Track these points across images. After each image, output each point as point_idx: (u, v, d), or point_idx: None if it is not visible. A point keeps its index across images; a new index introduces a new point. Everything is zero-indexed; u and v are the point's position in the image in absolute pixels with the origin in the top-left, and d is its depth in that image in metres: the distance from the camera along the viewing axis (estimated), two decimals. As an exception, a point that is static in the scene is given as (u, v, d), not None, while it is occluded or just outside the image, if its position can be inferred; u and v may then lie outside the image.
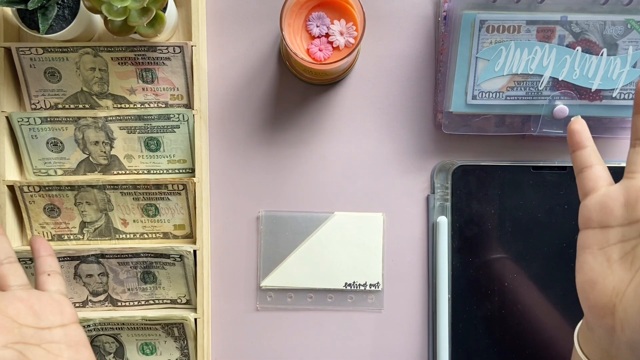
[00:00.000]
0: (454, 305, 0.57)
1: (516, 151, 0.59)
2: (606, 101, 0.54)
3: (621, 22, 0.52)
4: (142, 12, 0.50)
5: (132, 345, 0.58)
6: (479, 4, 0.52)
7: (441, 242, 0.57)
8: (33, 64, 0.56)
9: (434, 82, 0.59)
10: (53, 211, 0.58)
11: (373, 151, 0.59)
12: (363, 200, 0.59)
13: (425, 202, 0.59)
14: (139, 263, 0.57)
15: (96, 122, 0.56)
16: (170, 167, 0.58)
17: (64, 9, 0.53)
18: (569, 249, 0.57)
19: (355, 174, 0.59)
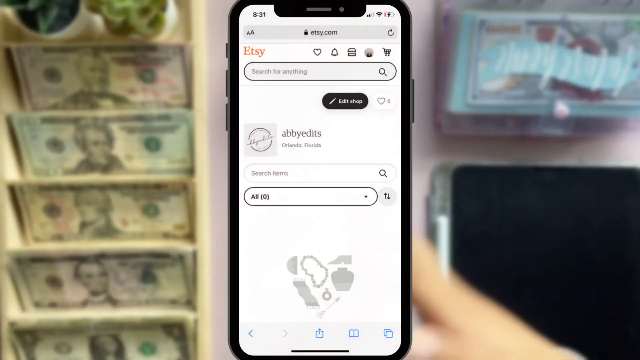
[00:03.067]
0: (454, 306, 0.57)
1: (516, 151, 0.59)
2: (606, 101, 0.54)
3: (621, 22, 0.52)
4: (142, 12, 0.50)
5: (132, 345, 0.58)
6: (479, 4, 0.52)
7: (441, 242, 0.57)
8: (33, 64, 0.56)
9: (434, 82, 0.59)
10: (53, 211, 0.58)
11: (373, 151, 0.59)
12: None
13: (425, 203, 0.59)
14: (139, 263, 0.57)
15: (96, 122, 0.56)
16: (170, 167, 0.58)
17: (64, 9, 0.53)
18: (569, 249, 0.57)
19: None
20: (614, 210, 0.57)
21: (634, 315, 0.57)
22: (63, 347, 0.58)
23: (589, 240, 0.57)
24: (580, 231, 0.57)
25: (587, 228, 0.57)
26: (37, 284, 0.57)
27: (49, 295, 0.58)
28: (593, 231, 0.57)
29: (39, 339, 0.57)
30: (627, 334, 0.57)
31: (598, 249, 0.57)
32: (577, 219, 0.57)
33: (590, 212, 0.57)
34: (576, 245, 0.57)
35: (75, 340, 0.58)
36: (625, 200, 0.57)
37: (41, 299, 0.58)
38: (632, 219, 0.57)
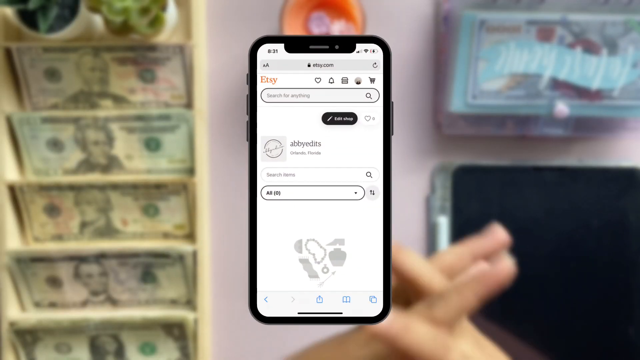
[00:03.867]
0: (454, 306, 0.57)
1: (516, 151, 0.59)
2: (606, 101, 0.54)
3: (621, 22, 0.52)
4: (142, 12, 0.50)
5: (132, 345, 0.58)
6: (479, 4, 0.52)
7: (441, 242, 0.57)
8: (33, 64, 0.56)
9: (434, 82, 0.59)
10: (53, 211, 0.58)
11: (373, 151, 0.59)
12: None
13: (425, 203, 0.59)
14: (139, 263, 0.57)
15: (96, 122, 0.56)
16: (170, 167, 0.58)
17: (64, 9, 0.53)
18: (569, 249, 0.57)
19: (355, 174, 0.59)
20: (614, 210, 0.57)
21: (634, 315, 0.57)
22: (63, 347, 0.58)
23: (589, 240, 0.57)
24: (580, 231, 0.57)
25: (587, 228, 0.57)
26: (37, 284, 0.58)
27: (49, 295, 0.58)
28: (593, 231, 0.57)
29: (39, 339, 0.57)
30: (627, 334, 0.57)
31: (598, 249, 0.57)
32: (577, 219, 0.57)
33: (590, 212, 0.57)
34: (576, 245, 0.57)
35: (75, 340, 0.58)
36: (625, 200, 0.57)
37: (41, 299, 0.58)
38: (632, 219, 0.57)
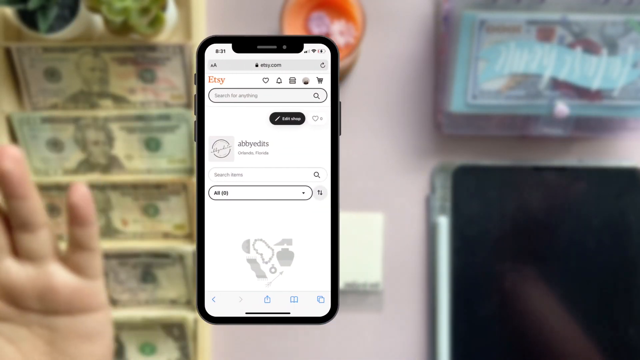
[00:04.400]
0: (454, 306, 0.57)
1: (516, 151, 0.59)
2: (606, 101, 0.54)
3: (621, 22, 0.52)
4: (142, 12, 0.50)
5: (132, 345, 0.58)
6: (479, 4, 0.52)
7: (441, 242, 0.57)
8: (33, 64, 0.56)
9: (434, 82, 0.59)
10: (53, 211, 0.58)
11: (372, 151, 0.59)
12: (362, 201, 0.59)
13: (425, 203, 0.59)
14: (139, 263, 0.57)
15: (96, 122, 0.56)
16: (170, 167, 0.58)
17: (64, 9, 0.53)
18: (569, 249, 0.57)
19: (355, 174, 0.59)
20: (614, 210, 0.57)
21: (634, 315, 0.57)
22: (63, 347, 0.58)
23: (589, 240, 0.57)
24: (580, 231, 0.57)
25: (587, 228, 0.57)
26: (37, 284, 0.57)
27: (49, 295, 0.58)
28: (593, 231, 0.57)
29: (39, 339, 0.57)
30: (627, 334, 0.57)
31: (598, 249, 0.57)
32: (577, 219, 0.57)
33: (590, 212, 0.57)
34: (576, 245, 0.57)
35: (75, 340, 0.58)
36: (625, 200, 0.57)
37: (41, 299, 0.58)
38: (632, 219, 0.57)
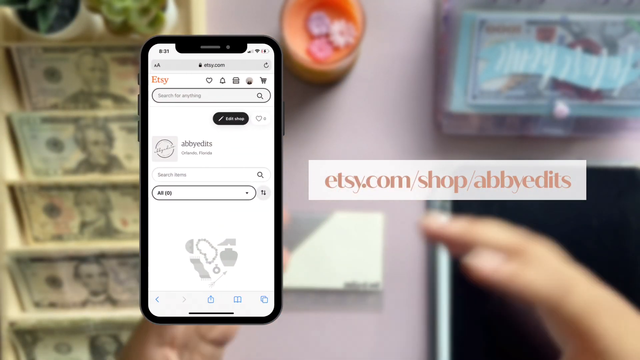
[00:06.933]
0: (454, 306, 0.57)
1: (516, 151, 0.59)
2: (606, 101, 0.54)
3: (621, 22, 0.52)
4: (142, 12, 0.50)
5: (132, 345, 0.58)
6: (479, 4, 0.52)
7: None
8: (33, 64, 0.56)
9: (434, 82, 0.59)
10: (53, 211, 0.58)
11: (373, 151, 0.59)
12: (362, 201, 0.59)
13: (425, 202, 0.59)
14: (139, 263, 0.57)
15: (96, 122, 0.56)
16: (170, 167, 0.58)
17: (64, 9, 0.53)
18: (569, 249, 0.57)
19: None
20: (614, 210, 0.57)
21: (634, 315, 0.56)
22: (63, 347, 0.58)
23: (589, 240, 0.57)
24: (580, 231, 0.57)
25: (587, 228, 0.57)
26: (37, 284, 0.58)
27: (48, 295, 0.58)
28: (593, 231, 0.57)
29: (39, 339, 0.57)
30: (627, 334, 0.56)
31: (598, 249, 0.57)
32: (577, 219, 0.57)
33: (590, 212, 0.57)
34: (576, 245, 0.57)
35: (75, 340, 0.58)
36: (625, 200, 0.57)
37: (41, 299, 0.58)
38: (632, 219, 0.57)
